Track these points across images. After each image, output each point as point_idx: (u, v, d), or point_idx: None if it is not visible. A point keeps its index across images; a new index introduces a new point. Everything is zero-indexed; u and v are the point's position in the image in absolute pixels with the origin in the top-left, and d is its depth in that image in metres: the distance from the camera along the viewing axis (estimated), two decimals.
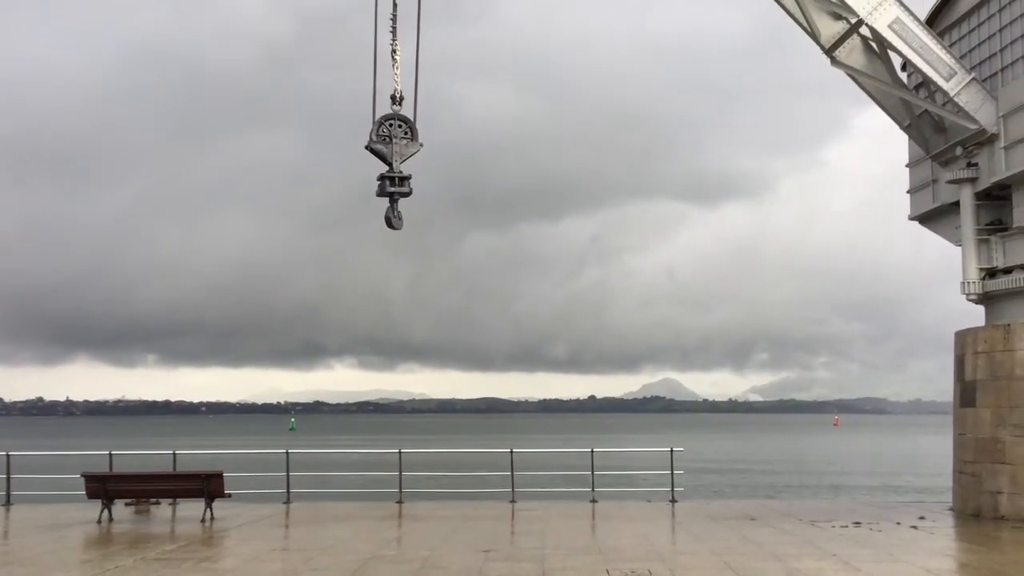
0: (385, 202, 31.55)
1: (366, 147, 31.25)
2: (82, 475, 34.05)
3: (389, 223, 31.41)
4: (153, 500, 36.51)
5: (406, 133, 31.16)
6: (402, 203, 31.41)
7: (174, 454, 39.98)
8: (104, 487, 33.50)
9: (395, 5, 31.10)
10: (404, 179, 31.13)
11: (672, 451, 38.16)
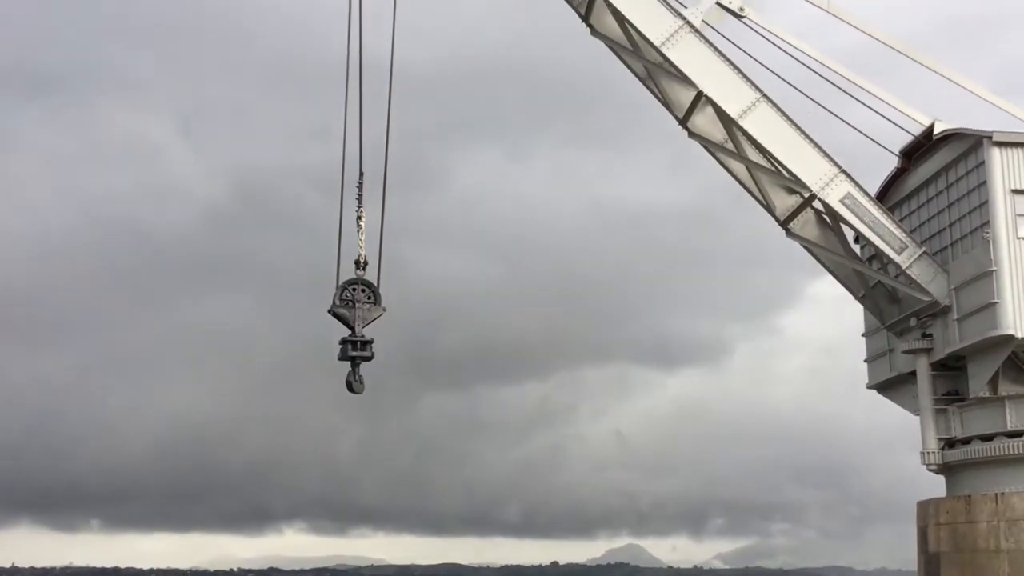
0: (345, 366, 31.39)
1: (329, 311, 31.24)
2: None
3: (350, 387, 31.04)
4: None
5: (369, 298, 31.27)
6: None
7: None
8: None
9: (361, 174, 31.75)
10: (366, 343, 31.03)
11: None
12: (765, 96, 33.50)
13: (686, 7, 34.18)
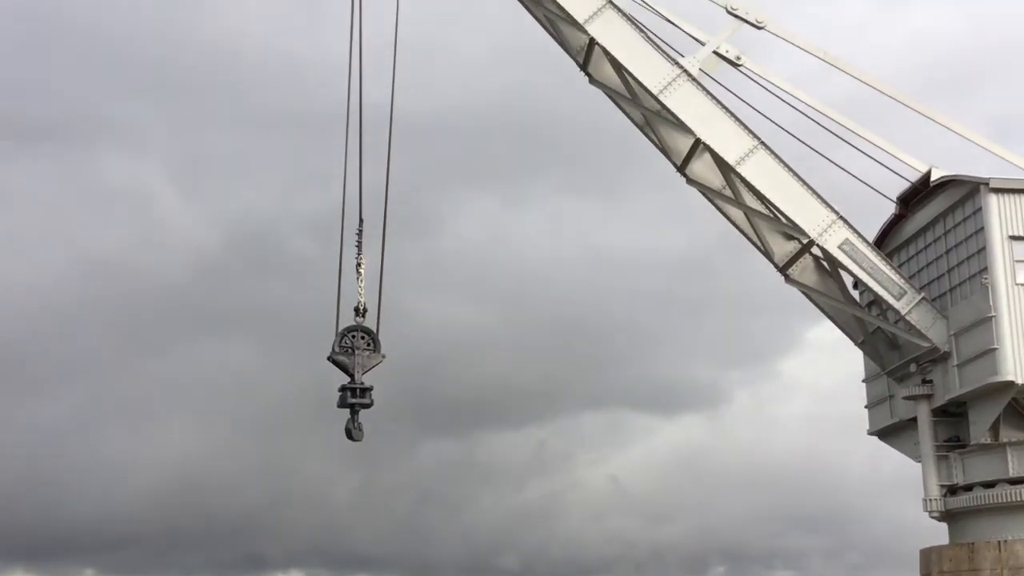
0: (344, 413, 31.34)
1: (329, 358, 31.23)
2: None
3: (349, 435, 30.94)
4: None
5: (368, 345, 31.29)
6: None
7: None
8: None
9: (361, 221, 31.91)
10: (366, 390, 30.97)
11: None
12: (763, 143, 33.74)
13: (683, 56, 34.56)
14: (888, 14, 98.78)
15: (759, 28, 35.30)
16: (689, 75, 33.79)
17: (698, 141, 34.01)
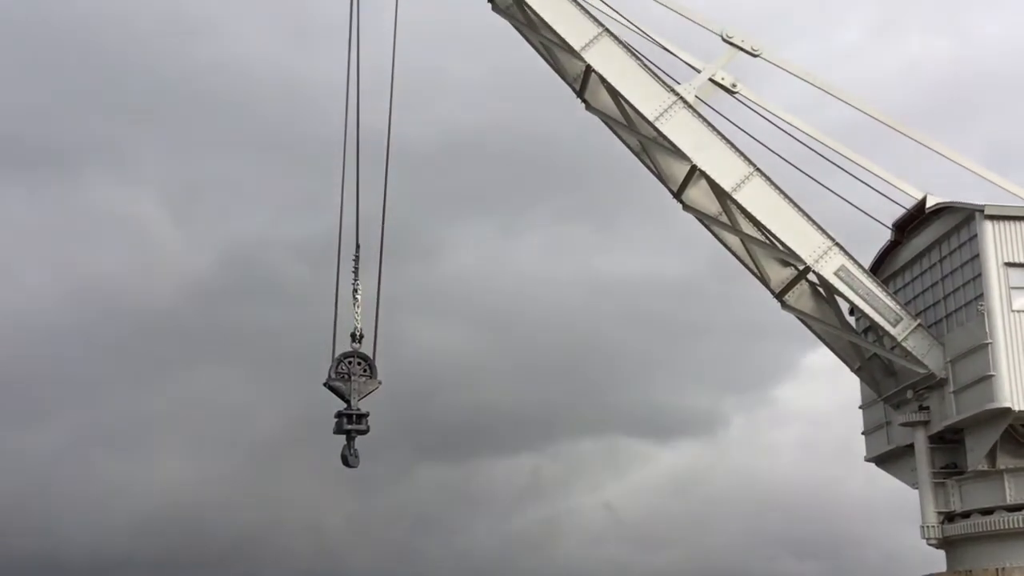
0: (340, 439, 31.28)
1: (325, 384, 31.20)
2: None
3: (345, 461, 30.91)
4: None
5: (365, 371, 31.27)
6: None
7: None
8: None
9: (358, 246, 31.98)
10: (362, 416, 30.95)
11: None
12: (758, 170, 33.86)
13: (679, 83, 34.74)
14: (883, 42, 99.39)
15: (755, 56, 35.52)
16: (685, 102, 33.94)
17: (694, 168, 34.11)
